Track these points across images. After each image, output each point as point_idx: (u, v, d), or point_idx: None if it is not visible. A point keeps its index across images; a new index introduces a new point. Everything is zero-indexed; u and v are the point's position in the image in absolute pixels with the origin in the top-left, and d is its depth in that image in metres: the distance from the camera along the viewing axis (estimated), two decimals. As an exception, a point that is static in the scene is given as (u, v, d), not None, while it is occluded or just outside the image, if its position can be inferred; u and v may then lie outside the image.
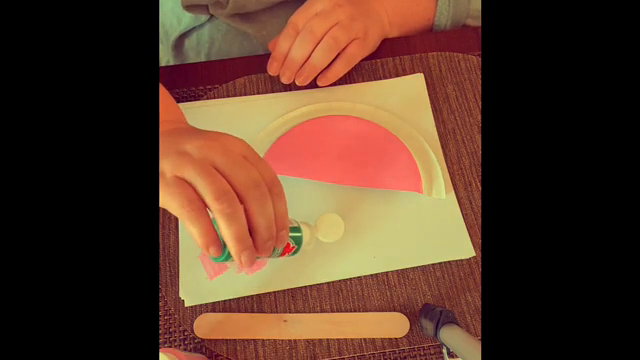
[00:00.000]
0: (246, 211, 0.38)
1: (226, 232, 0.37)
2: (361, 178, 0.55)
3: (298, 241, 0.46)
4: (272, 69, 0.59)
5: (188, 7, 0.67)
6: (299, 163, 0.56)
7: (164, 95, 0.51)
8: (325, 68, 0.58)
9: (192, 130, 0.44)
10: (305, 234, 0.47)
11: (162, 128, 0.44)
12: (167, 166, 0.38)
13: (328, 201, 0.55)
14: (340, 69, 0.59)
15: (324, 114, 0.60)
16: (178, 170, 0.38)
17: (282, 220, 0.40)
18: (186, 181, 0.38)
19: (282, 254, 0.45)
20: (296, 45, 0.57)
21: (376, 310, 0.50)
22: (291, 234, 0.44)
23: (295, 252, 0.47)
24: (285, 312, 0.50)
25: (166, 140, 0.41)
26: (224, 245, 0.39)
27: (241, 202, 0.38)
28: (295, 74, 0.58)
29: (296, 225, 0.47)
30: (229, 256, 0.39)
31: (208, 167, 0.38)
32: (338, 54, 0.58)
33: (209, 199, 0.37)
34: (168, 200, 0.37)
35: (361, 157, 0.57)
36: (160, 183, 0.38)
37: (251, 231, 0.39)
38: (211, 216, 0.38)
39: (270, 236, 0.39)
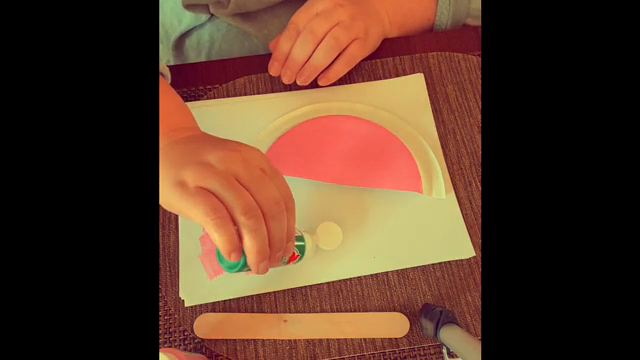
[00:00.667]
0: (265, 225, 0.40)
1: (249, 244, 0.39)
2: (361, 178, 0.55)
3: (302, 250, 0.48)
4: (273, 70, 0.59)
5: (188, 6, 0.67)
6: (299, 163, 0.56)
7: (177, 100, 0.51)
8: (326, 68, 0.58)
9: (210, 139, 0.45)
10: (307, 243, 0.49)
11: (177, 135, 0.45)
12: (189, 176, 0.39)
13: (328, 201, 0.55)
14: (341, 69, 0.59)
15: (324, 114, 0.60)
16: (202, 181, 0.39)
17: (291, 233, 0.42)
18: (210, 191, 0.39)
19: (287, 263, 0.47)
20: (297, 45, 0.57)
21: (376, 310, 0.50)
22: (296, 243, 0.47)
23: (299, 260, 0.48)
24: (285, 312, 0.50)
25: (184, 149, 0.42)
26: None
27: None
28: (296, 74, 0.58)
29: (299, 234, 0.48)
30: (244, 265, 0.41)
31: (232, 180, 0.39)
32: (339, 54, 0.58)
33: (237, 213, 0.38)
34: (191, 208, 0.38)
35: (361, 157, 0.57)
36: (181, 192, 0.39)
37: None
38: None
39: (281, 248, 0.41)
